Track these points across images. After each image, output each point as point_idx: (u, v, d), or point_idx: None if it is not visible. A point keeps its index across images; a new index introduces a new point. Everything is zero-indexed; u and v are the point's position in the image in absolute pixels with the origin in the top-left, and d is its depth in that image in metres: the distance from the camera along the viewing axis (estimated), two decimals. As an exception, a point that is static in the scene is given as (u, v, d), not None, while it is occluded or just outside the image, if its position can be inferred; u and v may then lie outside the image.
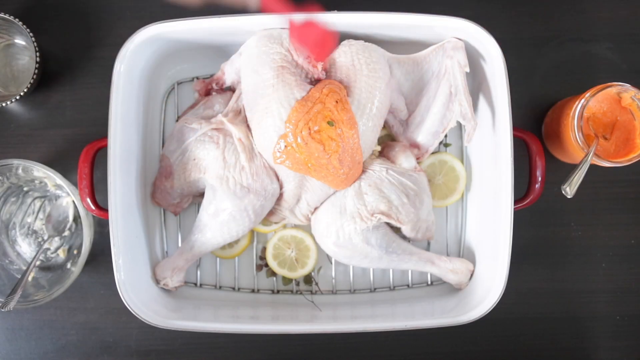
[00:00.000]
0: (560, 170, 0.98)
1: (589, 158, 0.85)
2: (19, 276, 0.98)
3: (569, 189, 0.86)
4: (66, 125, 1.00)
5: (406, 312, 0.93)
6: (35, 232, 1.01)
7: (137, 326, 0.99)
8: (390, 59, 0.90)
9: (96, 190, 0.92)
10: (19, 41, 1.01)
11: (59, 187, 0.99)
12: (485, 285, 0.89)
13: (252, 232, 0.97)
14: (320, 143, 0.82)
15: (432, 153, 0.96)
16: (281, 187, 0.91)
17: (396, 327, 0.88)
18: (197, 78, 0.98)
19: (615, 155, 0.90)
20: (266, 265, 0.98)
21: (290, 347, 1.00)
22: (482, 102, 0.93)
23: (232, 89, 0.95)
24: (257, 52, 0.86)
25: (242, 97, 0.90)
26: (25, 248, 1.01)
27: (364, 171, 0.89)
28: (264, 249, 0.98)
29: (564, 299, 1.00)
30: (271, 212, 0.94)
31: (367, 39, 0.90)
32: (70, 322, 1.00)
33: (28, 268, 0.93)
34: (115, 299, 0.87)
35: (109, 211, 0.85)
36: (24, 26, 0.94)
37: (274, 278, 0.98)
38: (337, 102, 0.83)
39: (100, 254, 1.00)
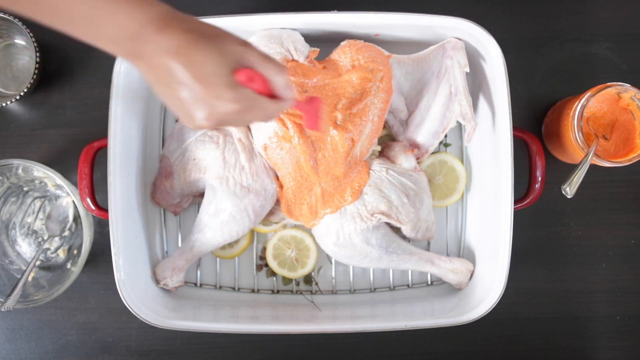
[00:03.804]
0: (560, 170, 0.98)
1: (589, 158, 0.85)
2: (19, 276, 0.98)
3: (569, 189, 0.86)
4: (66, 125, 1.00)
5: (406, 312, 0.93)
6: (35, 232, 1.01)
7: (137, 326, 0.99)
8: (390, 58, 0.90)
9: (96, 190, 0.92)
10: (19, 41, 1.01)
11: (59, 187, 0.99)
12: (485, 285, 0.89)
13: (252, 232, 0.97)
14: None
15: (432, 153, 0.96)
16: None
17: (396, 327, 0.88)
18: (197, 78, 0.98)
19: (615, 155, 0.90)
20: (266, 265, 0.98)
21: (290, 347, 1.00)
22: (482, 102, 0.93)
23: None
24: (257, 52, 0.86)
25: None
26: (25, 248, 1.01)
27: (364, 171, 0.89)
28: (264, 249, 0.98)
29: (564, 299, 1.00)
30: (271, 212, 0.94)
31: (367, 39, 0.90)
32: (70, 322, 1.00)
33: (28, 268, 0.93)
34: (115, 299, 0.87)
35: (109, 211, 0.85)
36: (24, 26, 0.94)
37: (274, 278, 0.98)
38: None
39: (100, 254, 1.00)
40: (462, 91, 0.88)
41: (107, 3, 0.54)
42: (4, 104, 0.94)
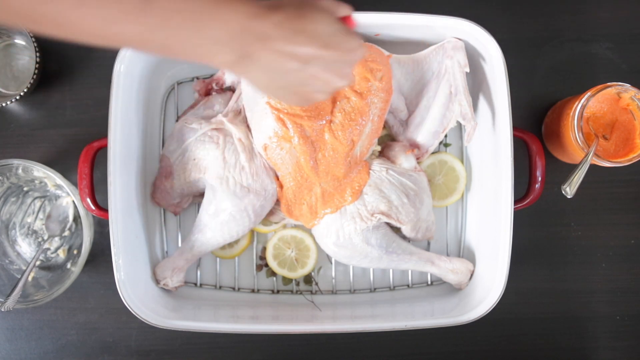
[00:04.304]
0: (560, 170, 0.98)
1: (589, 158, 0.85)
2: (19, 276, 0.98)
3: (569, 189, 0.86)
4: (66, 125, 1.00)
5: (406, 312, 0.93)
6: (35, 232, 1.01)
7: (137, 326, 0.99)
8: (390, 59, 0.90)
9: (96, 190, 0.92)
10: (19, 41, 1.01)
11: (59, 187, 0.99)
12: (485, 285, 0.89)
13: (252, 232, 0.97)
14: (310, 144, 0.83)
15: (432, 153, 0.96)
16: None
17: (396, 327, 0.88)
18: (197, 78, 0.98)
19: (615, 155, 0.90)
20: (266, 265, 0.98)
21: (290, 347, 1.00)
22: (482, 102, 0.93)
23: (232, 89, 0.95)
24: (257, 52, 0.86)
25: (242, 97, 0.90)
26: (25, 248, 1.01)
27: (364, 171, 0.89)
28: (264, 249, 0.98)
29: (564, 299, 1.00)
30: (271, 212, 0.94)
31: (367, 39, 0.90)
32: (70, 322, 1.00)
33: (28, 268, 0.93)
34: (115, 299, 0.87)
35: (109, 211, 0.85)
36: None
37: (274, 278, 0.98)
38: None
39: (100, 254, 1.00)
40: (462, 91, 0.88)
41: (210, 3, 0.53)
42: (4, 104, 0.94)
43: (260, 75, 0.60)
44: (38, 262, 1.00)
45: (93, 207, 0.91)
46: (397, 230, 0.94)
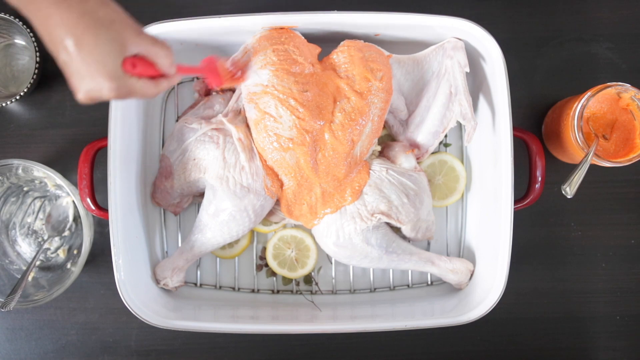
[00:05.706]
0: (560, 170, 0.98)
1: (589, 158, 0.85)
2: (19, 276, 0.98)
3: (569, 189, 0.86)
4: (66, 125, 1.00)
5: (406, 312, 0.93)
6: (35, 232, 1.01)
7: (137, 326, 0.99)
8: (390, 59, 0.90)
9: (96, 190, 0.92)
10: (19, 41, 1.01)
11: (59, 187, 0.99)
12: (485, 285, 0.89)
13: (252, 232, 0.97)
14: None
15: (432, 153, 0.96)
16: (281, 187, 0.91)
17: (396, 327, 0.88)
18: (197, 78, 0.98)
19: (615, 155, 0.90)
20: (266, 265, 0.98)
21: (290, 347, 1.00)
22: (482, 102, 0.93)
23: (232, 89, 0.95)
24: (257, 52, 0.86)
25: (242, 97, 0.90)
26: (25, 248, 1.01)
27: (364, 171, 0.89)
28: (264, 249, 0.98)
29: (564, 299, 1.00)
30: (271, 212, 0.94)
31: (367, 39, 0.90)
32: (70, 322, 1.00)
33: (28, 268, 0.93)
34: (115, 299, 0.87)
35: (109, 211, 0.85)
36: (24, 26, 0.94)
37: (274, 278, 0.98)
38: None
39: (100, 254, 1.00)
40: (462, 91, 0.88)
41: None
42: (4, 104, 0.94)
43: (34, 23, 0.62)
44: (38, 262, 1.00)
45: (93, 207, 0.91)
46: (397, 230, 0.94)
